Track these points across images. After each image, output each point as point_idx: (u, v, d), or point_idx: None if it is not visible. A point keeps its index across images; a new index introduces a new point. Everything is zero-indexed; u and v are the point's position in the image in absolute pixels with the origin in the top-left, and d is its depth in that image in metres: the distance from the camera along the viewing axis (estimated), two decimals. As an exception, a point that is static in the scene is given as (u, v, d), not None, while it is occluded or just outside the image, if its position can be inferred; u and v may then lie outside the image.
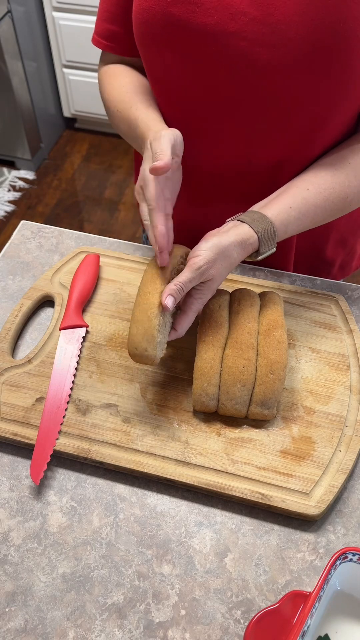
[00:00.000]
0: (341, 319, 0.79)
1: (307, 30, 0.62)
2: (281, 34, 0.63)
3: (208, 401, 0.67)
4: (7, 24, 2.11)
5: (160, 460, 0.66)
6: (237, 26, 0.64)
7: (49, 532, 0.63)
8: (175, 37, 0.68)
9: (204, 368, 0.67)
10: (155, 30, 0.69)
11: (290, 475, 0.65)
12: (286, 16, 0.62)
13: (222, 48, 0.66)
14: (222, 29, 0.65)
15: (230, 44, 0.66)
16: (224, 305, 0.71)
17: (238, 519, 0.64)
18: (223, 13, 0.65)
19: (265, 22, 0.63)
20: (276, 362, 0.67)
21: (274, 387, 0.66)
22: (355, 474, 0.67)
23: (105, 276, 0.84)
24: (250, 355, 0.67)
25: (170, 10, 0.67)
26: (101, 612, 0.58)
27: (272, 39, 0.64)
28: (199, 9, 0.65)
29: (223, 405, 0.67)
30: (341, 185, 0.74)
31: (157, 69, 0.75)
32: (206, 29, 0.66)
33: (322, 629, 0.56)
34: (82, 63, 2.40)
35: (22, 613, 0.58)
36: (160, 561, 0.61)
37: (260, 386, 0.66)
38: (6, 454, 0.69)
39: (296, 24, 0.62)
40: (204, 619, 0.58)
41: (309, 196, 0.73)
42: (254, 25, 0.64)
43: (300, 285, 0.86)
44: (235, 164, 0.80)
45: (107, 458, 0.66)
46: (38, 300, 0.81)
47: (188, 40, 0.68)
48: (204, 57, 0.68)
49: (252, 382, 0.67)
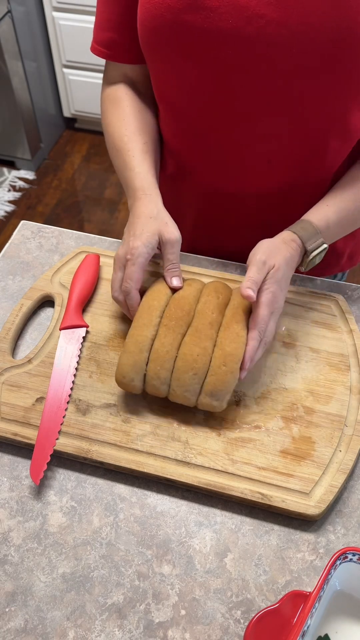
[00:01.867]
0: (341, 319, 0.79)
1: (327, 30, 0.61)
2: (301, 35, 0.62)
3: (159, 385, 0.67)
4: (7, 24, 2.11)
5: (160, 460, 0.66)
6: (254, 30, 0.63)
7: (49, 532, 0.63)
8: (189, 44, 0.66)
9: (160, 352, 0.67)
10: (168, 38, 0.67)
11: (290, 475, 0.65)
12: (305, 17, 0.61)
13: (239, 53, 0.65)
14: (238, 33, 0.64)
15: (248, 48, 0.64)
16: (194, 294, 0.72)
17: (238, 519, 0.64)
18: (239, 17, 0.63)
19: (284, 24, 0.62)
20: (231, 354, 0.66)
21: (225, 379, 0.66)
22: (355, 474, 0.67)
23: (105, 276, 0.84)
24: (206, 345, 0.67)
25: (183, 18, 0.65)
26: (101, 612, 0.58)
27: (290, 41, 0.62)
28: (213, 14, 0.63)
29: (173, 391, 0.68)
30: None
31: (169, 77, 0.73)
32: (222, 34, 0.64)
33: (322, 629, 0.56)
34: (82, 63, 2.40)
35: (22, 613, 0.58)
36: (160, 561, 0.61)
37: (212, 377, 0.66)
38: (6, 454, 0.69)
39: (316, 24, 0.61)
40: (204, 619, 0.58)
41: (345, 193, 0.75)
42: (272, 28, 0.62)
43: (300, 285, 0.86)
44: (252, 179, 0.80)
45: (107, 458, 0.66)
46: (38, 300, 0.81)
47: (203, 47, 0.66)
48: (221, 62, 0.67)
49: (204, 371, 0.67)
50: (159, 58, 0.72)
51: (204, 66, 0.68)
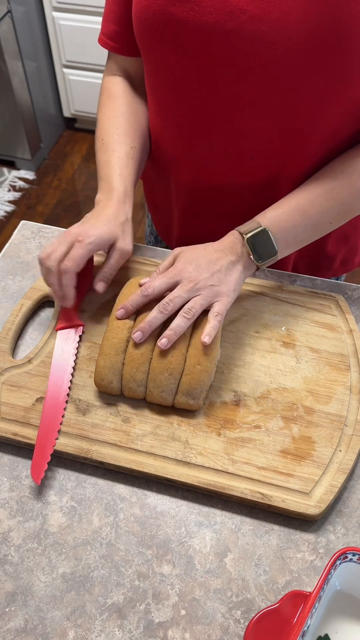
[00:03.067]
0: (341, 319, 0.79)
1: (307, 27, 0.62)
2: (281, 31, 0.63)
3: (136, 387, 0.68)
4: (7, 24, 2.11)
5: (160, 460, 0.66)
6: (236, 24, 0.64)
7: (49, 532, 0.63)
8: (175, 36, 0.68)
9: (135, 354, 0.67)
10: (155, 30, 0.69)
11: (291, 475, 0.65)
12: (286, 13, 0.62)
13: (221, 46, 0.66)
14: (221, 27, 0.65)
15: (230, 42, 0.65)
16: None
17: (238, 519, 0.64)
18: (222, 11, 0.64)
19: (264, 19, 0.63)
20: (205, 353, 0.67)
21: (200, 378, 0.67)
22: (355, 474, 0.67)
23: (105, 276, 0.84)
24: (181, 346, 0.67)
25: (169, 10, 0.67)
26: (101, 612, 0.58)
27: (271, 37, 0.63)
28: (197, 7, 0.65)
29: (150, 392, 0.68)
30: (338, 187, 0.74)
31: (157, 69, 0.75)
32: (205, 27, 0.66)
33: (322, 629, 0.56)
34: (82, 63, 2.40)
35: (22, 613, 0.58)
36: (160, 561, 0.61)
37: (187, 376, 0.67)
38: (6, 454, 0.69)
39: (296, 21, 0.62)
40: (204, 619, 0.58)
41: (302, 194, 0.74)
42: (252, 23, 0.64)
43: (300, 285, 0.86)
44: (234, 168, 0.80)
45: (107, 458, 0.66)
46: (38, 300, 0.81)
47: (188, 39, 0.68)
48: (204, 56, 0.68)
49: (179, 371, 0.67)
50: (149, 50, 0.74)
51: (188, 59, 0.70)
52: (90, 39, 2.28)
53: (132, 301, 0.69)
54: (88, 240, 0.71)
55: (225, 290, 0.69)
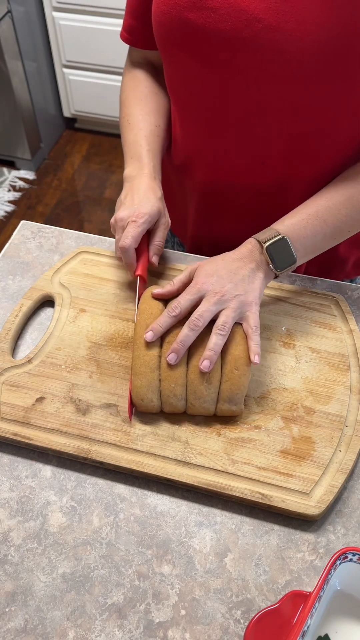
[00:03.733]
0: (341, 319, 0.79)
1: (321, 38, 0.62)
2: (295, 41, 0.63)
3: (177, 402, 0.67)
4: (7, 24, 2.11)
5: (160, 460, 0.66)
6: (251, 33, 0.64)
7: (49, 532, 0.63)
8: (192, 41, 0.69)
9: (171, 369, 0.67)
10: (173, 34, 0.70)
11: (290, 475, 0.65)
12: (301, 24, 0.62)
13: (237, 55, 0.66)
14: (236, 35, 0.65)
15: (245, 50, 0.66)
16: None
17: (238, 519, 0.64)
18: (238, 19, 0.64)
19: (280, 29, 0.63)
20: (240, 357, 0.67)
21: (240, 383, 0.66)
22: (355, 474, 0.67)
23: (105, 276, 0.84)
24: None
25: (186, 15, 0.67)
26: (101, 612, 0.58)
27: (286, 46, 0.63)
28: (214, 14, 0.65)
29: (191, 405, 0.67)
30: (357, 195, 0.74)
31: (176, 72, 0.76)
32: (221, 34, 0.66)
33: (322, 629, 0.56)
34: (82, 63, 2.40)
35: (22, 613, 0.58)
36: (160, 561, 0.61)
37: (227, 383, 0.66)
38: (6, 454, 0.69)
39: (311, 32, 0.62)
40: (204, 619, 0.58)
41: (321, 201, 0.74)
42: (268, 32, 0.64)
43: (300, 285, 0.86)
44: (245, 172, 0.81)
45: (107, 458, 0.66)
46: (38, 300, 0.81)
47: (204, 45, 0.68)
48: (220, 62, 0.68)
49: (218, 379, 0.67)
50: (168, 53, 0.75)
51: (205, 65, 0.70)
52: (90, 39, 2.29)
53: (160, 323, 0.68)
54: (141, 220, 0.74)
55: (252, 298, 0.69)
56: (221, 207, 0.88)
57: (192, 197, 0.91)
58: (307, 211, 0.74)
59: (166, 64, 0.77)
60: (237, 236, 0.77)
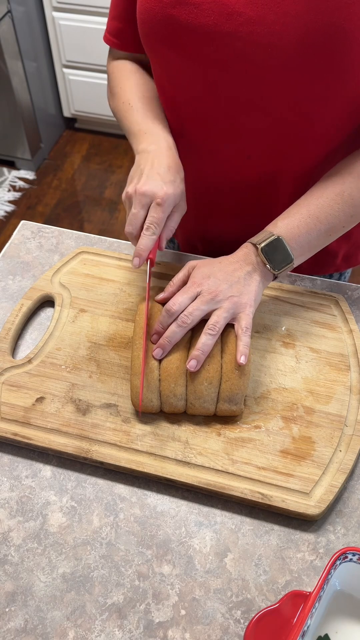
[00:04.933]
0: (341, 319, 0.79)
1: (302, 30, 0.63)
2: (276, 34, 0.63)
3: (176, 402, 0.67)
4: (7, 24, 2.11)
5: (160, 460, 0.66)
6: (233, 27, 0.65)
7: (49, 532, 0.63)
8: (176, 37, 0.69)
9: (170, 369, 0.67)
10: (157, 31, 0.70)
11: (290, 475, 0.65)
12: (281, 16, 0.63)
13: (219, 48, 0.67)
14: (219, 29, 0.66)
15: (227, 44, 0.66)
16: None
17: (238, 519, 0.64)
18: (220, 14, 0.65)
19: (261, 22, 0.64)
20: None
21: (240, 383, 0.66)
22: (355, 474, 0.67)
23: (105, 276, 0.84)
24: (214, 353, 0.67)
25: (170, 12, 0.67)
26: (101, 612, 0.58)
27: (267, 39, 0.64)
28: (197, 9, 0.66)
29: (191, 405, 0.67)
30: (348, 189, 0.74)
31: (161, 69, 0.76)
32: (204, 29, 0.66)
33: (322, 629, 0.56)
34: (82, 63, 2.40)
35: (22, 613, 0.58)
36: (160, 561, 0.61)
37: (227, 382, 0.66)
38: (6, 454, 0.69)
39: (291, 24, 0.62)
40: (204, 619, 0.58)
41: (312, 200, 0.74)
42: (249, 26, 0.64)
43: (300, 285, 0.86)
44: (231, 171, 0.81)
45: (107, 458, 0.66)
46: (38, 300, 0.81)
47: (188, 41, 0.68)
48: (204, 58, 0.69)
49: (218, 379, 0.67)
50: (153, 50, 0.74)
51: (189, 60, 0.70)
52: (90, 39, 2.28)
53: (160, 323, 0.68)
54: (167, 202, 0.69)
55: (246, 300, 0.69)
56: (212, 204, 0.88)
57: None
58: (299, 210, 0.74)
59: (153, 62, 0.77)
60: (230, 233, 0.77)
